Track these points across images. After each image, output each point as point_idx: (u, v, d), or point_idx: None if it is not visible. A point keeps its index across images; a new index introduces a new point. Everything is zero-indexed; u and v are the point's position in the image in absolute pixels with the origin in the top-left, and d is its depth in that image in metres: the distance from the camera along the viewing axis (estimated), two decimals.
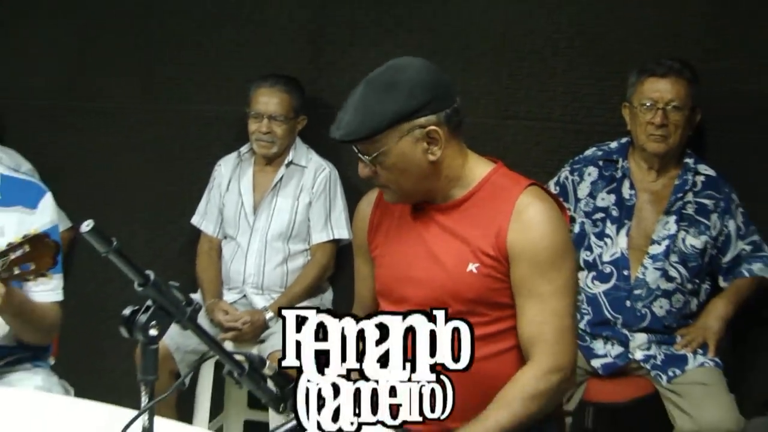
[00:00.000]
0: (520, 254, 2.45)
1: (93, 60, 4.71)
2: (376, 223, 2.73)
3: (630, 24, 4.07)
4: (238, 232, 4.28)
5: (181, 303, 1.80)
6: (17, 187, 3.03)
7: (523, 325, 2.48)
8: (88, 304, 3.23)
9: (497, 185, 2.55)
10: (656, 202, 3.78)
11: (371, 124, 2.41)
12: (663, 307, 3.72)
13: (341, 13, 4.44)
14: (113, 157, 4.58)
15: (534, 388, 2.41)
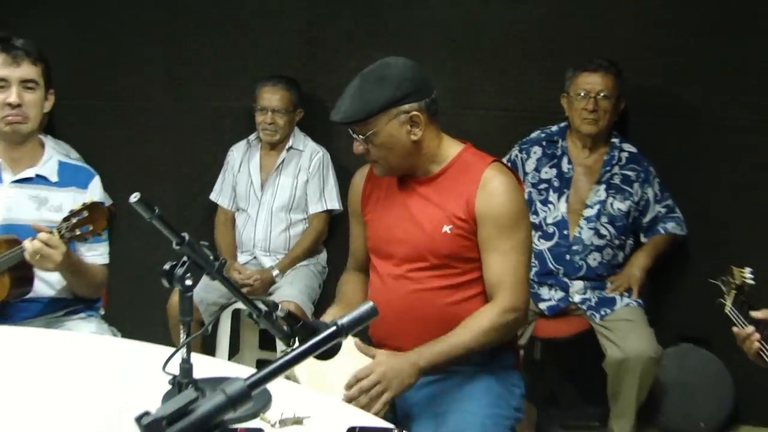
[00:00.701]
0: (485, 217, 2.50)
1: (125, 64, 4.70)
2: (368, 192, 2.77)
3: (567, 27, 4.11)
4: (249, 205, 4.34)
5: (210, 259, 1.90)
6: (71, 171, 3.07)
7: (487, 274, 2.53)
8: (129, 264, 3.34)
9: (466, 161, 2.60)
10: (589, 174, 3.88)
11: (365, 109, 2.46)
12: (596, 259, 3.84)
13: (331, 23, 4.45)
14: (144, 146, 4.62)
15: (494, 321, 2.47)
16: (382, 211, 2.72)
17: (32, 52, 2.91)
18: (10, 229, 2.90)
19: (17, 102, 2.87)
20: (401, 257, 2.63)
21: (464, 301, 2.58)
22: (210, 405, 1.04)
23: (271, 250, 4.30)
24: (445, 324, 2.52)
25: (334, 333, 1.12)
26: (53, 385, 2.21)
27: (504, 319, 2.50)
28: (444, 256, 2.56)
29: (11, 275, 2.80)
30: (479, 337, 2.47)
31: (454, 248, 2.55)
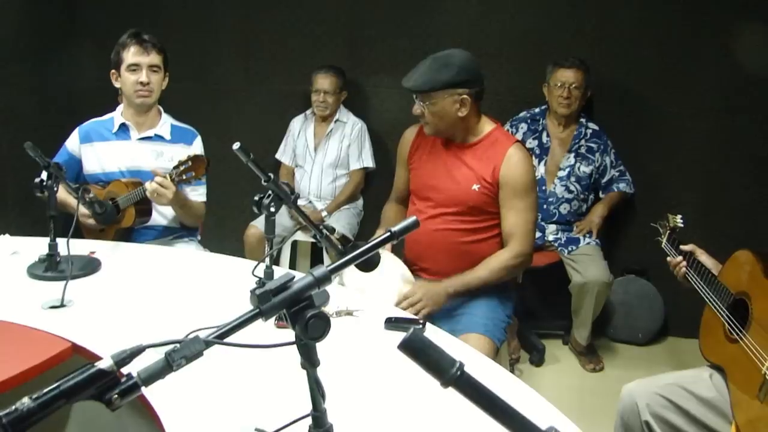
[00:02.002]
0: (506, 183, 2.54)
1: (213, 56, 4.73)
2: (416, 146, 2.77)
3: (548, 32, 4.12)
4: (305, 163, 4.38)
5: (289, 194, 1.98)
6: (181, 131, 3.13)
7: (503, 226, 2.59)
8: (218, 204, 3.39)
9: (496, 138, 2.62)
10: (562, 145, 3.94)
11: (430, 84, 2.50)
12: (566, 209, 3.91)
13: (369, 23, 4.44)
14: (226, 120, 4.65)
15: (507, 262, 2.55)
16: (425, 163, 2.73)
17: (157, 43, 2.99)
18: (136, 174, 3.00)
19: (147, 81, 2.95)
20: (437, 202, 2.67)
21: (479, 242, 2.63)
22: (302, 282, 1.10)
23: (322, 197, 4.35)
24: (462, 255, 2.61)
25: (388, 237, 1.19)
26: (166, 285, 2.31)
27: (514, 261, 2.57)
28: (470, 207, 2.61)
29: (136, 208, 2.87)
30: (495, 273, 2.55)
31: (479, 202, 2.60)
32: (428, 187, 2.71)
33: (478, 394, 0.93)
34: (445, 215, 2.65)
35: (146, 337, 1.81)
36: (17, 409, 0.95)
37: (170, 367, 1.04)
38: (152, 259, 2.60)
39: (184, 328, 1.82)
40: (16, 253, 2.55)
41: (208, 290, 2.26)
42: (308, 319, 1.11)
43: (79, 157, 3.08)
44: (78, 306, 2.08)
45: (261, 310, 1.09)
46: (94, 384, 1.01)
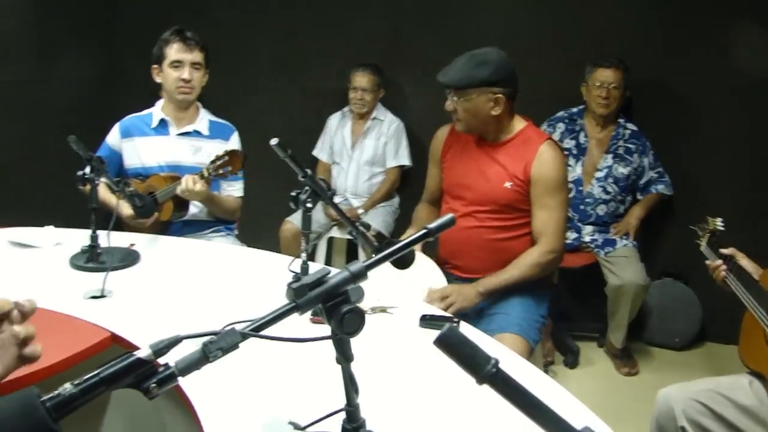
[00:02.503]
0: (537, 180, 2.52)
1: (252, 52, 4.77)
2: (449, 145, 2.77)
3: (587, 32, 4.07)
4: (342, 160, 4.40)
5: (326, 189, 2.00)
6: (218, 127, 3.16)
7: (535, 223, 2.56)
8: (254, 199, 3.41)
9: (528, 135, 2.60)
10: (600, 146, 3.89)
11: (465, 81, 2.50)
12: (603, 210, 3.86)
13: (408, 21, 4.44)
14: (263, 116, 4.61)
15: (537, 260, 2.53)
16: (458, 162, 2.72)
17: (199, 41, 3.02)
18: (174, 168, 3.04)
19: (189, 78, 2.99)
20: (469, 200, 2.67)
21: (511, 239, 2.62)
22: (339, 277, 1.10)
23: (358, 194, 4.37)
24: (494, 253, 2.60)
25: (425, 234, 1.19)
26: (203, 278, 2.34)
27: (545, 259, 2.55)
28: (502, 204, 2.60)
29: (174, 201, 2.90)
30: (525, 272, 2.53)
31: (511, 200, 2.59)
32: (461, 186, 2.70)
33: (514, 392, 0.93)
34: (477, 213, 2.64)
35: (183, 329, 1.83)
36: (60, 394, 0.97)
37: (206, 359, 1.06)
38: (190, 252, 2.64)
39: (219, 320, 1.82)
40: (60, 244, 2.60)
41: (244, 284, 2.28)
42: (344, 313, 1.11)
43: (120, 151, 3.13)
44: (117, 296, 2.12)
45: (297, 303, 1.09)
46: (133, 372, 1.03)
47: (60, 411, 0.96)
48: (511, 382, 0.93)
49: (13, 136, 4.21)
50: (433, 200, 2.92)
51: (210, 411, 1.49)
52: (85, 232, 2.41)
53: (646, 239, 3.97)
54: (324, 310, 1.12)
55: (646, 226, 3.94)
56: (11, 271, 2.34)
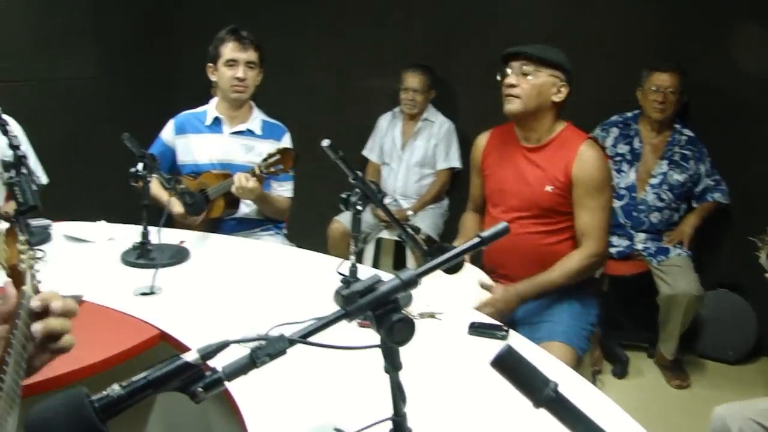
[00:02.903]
0: (578, 181, 2.48)
1: (304, 51, 4.78)
2: (488, 152, 2.74)
3: (642, 34, 4.00)
4: (392, 160, 4.39)
5: (376, 192, 1.98)
6: (271, 127, 3.16)
7: (577, 225, 2.52)
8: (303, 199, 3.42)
9: (567, 136, 2.56)
10: (655, 151, 3.80)
11: (545, 53, 2.48)
12: (657, 217, 3.78)
13: (458, 22, 4.41)
14: (314, 115, 4.66)
15: (580, 263, 2.48)
16: (498, 169, 2.70)
17: (254, 40, 3.03)
18: (226, 166, 3.05)
19: (243, 77, 3.00)
20: (510, 206, 2.63)
21: (556, 243, 2.57)
22: (389, 285, 1.08)
23: (407, 195, 4.35)
24: (540, 259, 2.55)
25: (478, 242, 1.16)
26: (251, 277, 2.34)
27: (588, 262, 2.50)
28: (544, 208, 2.56)
29: (225, 199, 2.92)
30: (567, 275, 2.48)
31: (552, 203, 2.54)
32: (501, 192, 2.68)
33: (573, 418, 0.89)
34: (520, 219, 2.60)
35: (230, 328, 1.86)
36: (108, 395, 0.97)
37: (254, 364, 1.04)
38: (238, 250, 2.65)
39: (266, 320, 1.85)
40: (112, 239, 2.64)
41: (291, 284, 2.28)
42: (394, 322, 1.09)
43: (173, 147, 3.15)
44: (166, 293, 2.14)
45: (347, 311, 1.07)
46: (180, 376, 1.02)
47: (107, 412, 0.96)
48: (571, 408, 0.89)
49: (71, 131, 4.29)
50: (479, 208, 2.90)
51: (256, 414, 1.49)
52: (138, 227, 2.44)
53: (700, 249, 3.87)
54: (373, 318, 1.10)
55: (700, 235, 3.84)
56: (65, 264, 2.38)
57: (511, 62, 2.53)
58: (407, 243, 2.05)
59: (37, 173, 2.98)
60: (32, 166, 2.93)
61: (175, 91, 4.86)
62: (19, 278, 1.23)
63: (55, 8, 4.17)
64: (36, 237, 2.53)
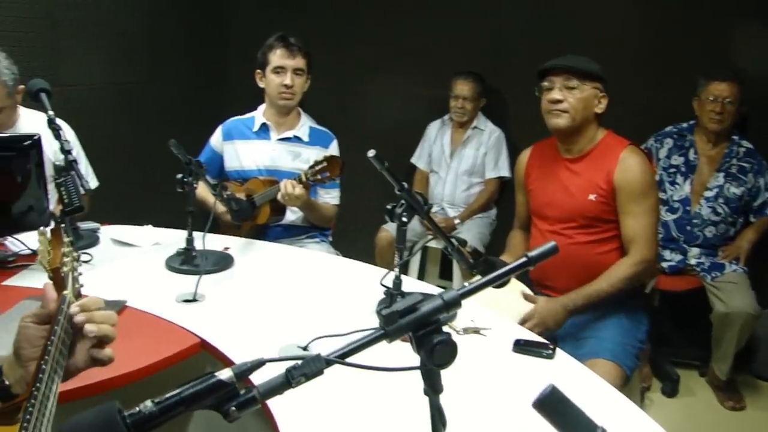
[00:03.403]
0: (621, 187, 2.44)
1: (353, 58, 4.79)
2: (530, 168, 2.74)
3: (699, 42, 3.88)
4: (440, 168, 4.35)
5: (422, 204, 1.93)
6: (318, 134, 3.15)
7: (623, 232, 2.47)
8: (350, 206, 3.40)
9: (608, 144, 2.53)
10: (711, 164, 3.69)
11: (588, 67, 2.47)
12: (712, 231, 3.66)
13: (511, 30, 4.36)
14: (363, 122, 4.67)
15: (626, 272, 2.42)
16: (541, 183, 2.68)
17: (303, 47, 3.02)
18: (273, 173, 3.04)
19: (291, 84, 3.00)
20: (555, 218, 2.61)
21: (604, 253, 2.53)
22: (431, 305, 1.04)
23: (455, 204, 4.31)
24: (587, 270, 2.49)
25: (525, 263, 1.12)
26: (294, 286, 2.32)
27: (635, 269, 2.44)
28: (589, 218, 2.52)
29: (270, 206, 2.90)
30: (615, 284, 2.42)
31: (597, 212, 2.51)
32: (545, 205, 2.65)
33: None
34: (565, 230, 2.58)
35: (270, 338, 1.83)
36: (140, 411, 0.96)
37: (289, 384, 1.01)
38: (283, 258, 2.63)
39: (307, 331, 1.84)
40: (158, 244, 2.65)
41: (335, 294, 2.25)
42: (435, 344, 1.04)
43: (221, 153, 3.16)
44: (209, 301, 2.12)
45: (386, 331, 1.04)
46: (214, 394, 1.00)
47: (139, 428, 0.94)
48: None
49: (123, 136, 4.35)
50: (525, 226, 2.87)
51: (292, 429, 1.45)
52: (184, 233, 2.44)
53: (758, 265, 3.73)
54: (414, 339, 1.06)
55: (758, 252, 3.70)
56: (110, 268, 2.39)
57: (550, 77, 2.52)
58: (453, 255, 1.99)
59: (87, 177, 3.01)
60: (83, 170, 2.98)
61: (227, 97, 4.90)
62: (60, 282, 1.22)
63: (110, 14, 4.23)
64: (84, 240, 2.57)
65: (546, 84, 2.53)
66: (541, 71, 2.55)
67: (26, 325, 1.19)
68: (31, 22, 3.73)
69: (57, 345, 1.10)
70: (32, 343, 1.16)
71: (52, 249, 1.26)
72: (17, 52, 3.59)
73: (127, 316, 1.97)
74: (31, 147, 2.28)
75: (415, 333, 1.05)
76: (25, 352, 1.17)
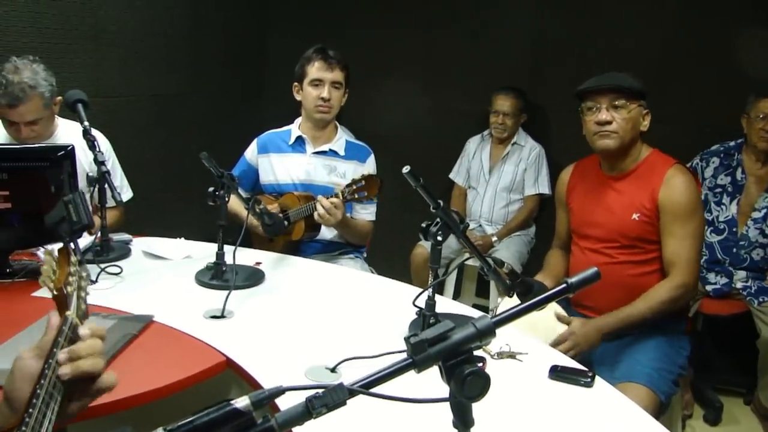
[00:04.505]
0: (665, 207, 2.38)
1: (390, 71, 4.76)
2: (572, 186, 2.70)
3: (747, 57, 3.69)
4: (479, 185, 4.29)
5: (458, 223, 1.86)
6: (355, 148, 3.10)
7: (665, 254, 2.41)
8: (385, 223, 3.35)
9: (653, 162, 2.47)
10: (759, 183, 3.55)
11: (636, 87, 2.39)
12: (759, 254, 3.52)
13: (552, 44, 4.29)
14: (400, 136, 4.61)
15: (667, 295, 2.35)
16: (583, 201, 2.63)
17: (341, 60, 2.98)
18: (308, 187, 3.01)
19: (328, 97, 2.95)
20: (597, 237, 2.56)
21: (645, 274, 2.46)
22: (463, 334, 0.99)
23: (493, 221, 4.25)
24: (629, 290, 2.43)
25: (565, 289, 1.04)
26: (326, 304, 2.27)
27: (675, 293, 2.36)
28: (631, 238, 2.46)
29: (305, 222, 2.85)
30: (652, 308, 2.35)
31: (640, 232, 2.44)
32: (587, 224, 2.60)
33: None
34: (606, 249, 2.52)
35: (298, 358, 1.77)
36: None
37: (310, 414, 0.95)
38: (316, 275, 2.58)
39: (336, 352, 1.79)
40: (189, 257, 2.62)
41: (367, 314, 2.19)
42: (466, 375, 0.98)
43: (256, 167, 3.13)
44: (237, 318, 2.07)
45: (414, 360, 0.98)
46: (229, 423, 0.95)
47: None
48: None
49: (161, 146, 4.35)
50: (565, 245, 2.81)
51: None
52: (214, 246, 2.38)
53: None
54: (443, 369, 1.00)
55: None
56: (140, 281, 2.36)
57: (595, 96, 2.44)
58: (489, 276, 1.93)
59: (121, 188, 3.00)
60: (117, 181, 2.97)
61: (265, 110, 4.89)
62: (64, 302, 1.16)
63: (153, 25, 4.24)
64: (116, 252, 2.54)
65: (590, 104, 2.45)
66: (583, 91, 2.47)
67: (24, 361, 1.07)
68: (74, 34, 3.76)
69: (54, 367, 1.03)
70: (29, 382, 1.03)
71: (58, 268, 1.20)
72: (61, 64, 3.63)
73: (153, 332, 1.93)
74: (65, 158, 2.27)
75: (445, 363, 0.99)
76: (19, 394, 1.05)
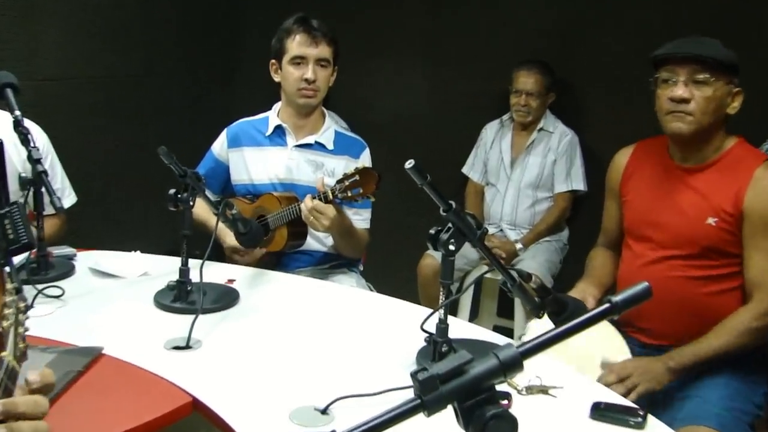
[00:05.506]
0: (752, 214, 2.32)
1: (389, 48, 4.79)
2: (630, 173, 2.64)
3: None
4: (498, 181, 4.30)
5: (473, 228, 1.83)
6: (346, 141, 3.08)
7: (747, 272, 2.36)
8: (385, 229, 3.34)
9: (738, 156, 2.41)
10: None
11: (728, 57, 2.33)
12: None
13: (586, 8, 4.26)
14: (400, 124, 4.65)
15: (749, 325, 2.31)
16: (643, 193, 2.59)
17: (328, 33, 2.97)
18: (290, 187, 3.00)
19: (312, 78, 2.94)
20: (658, 242, 2.51)
21: (717, 294, 2.43)
22: (483, 368, 0.98)
23: (517, 225, 4.26)
24: (696, 313, 2.41)
25: (608, 310, 1.03)
26: (314, 330, 2.25)
27: (761, 323, 2.33)
28: (704, 247, 2.41)
29: (288, 229, 2.85)
30: (732, 341, 2.32)
31: (716, 241, 2.39)
32: (647, 224, 2.55)
33: None
34: (671, 259, 2.48)
35: (280, 399, 1.76)
36: None
37: None
38: (301, 293, 2.58)
39: (327, 389, 1.79)
40: (146, 275, 2.62)
41: (364, 341, 2.19)
42: (488, 419, 0.97)
43: (226, 163, 3.13)
44: (206, 348, 2.07)
45: (423, 401, 0.97)
46: None
47: None
48: None
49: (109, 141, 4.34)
50: (613, 244, 2.79)
51: None
52: (177, 260, 2.38)
53: None
54: (460, 411, 0.99)
55: None
56: (86, 304, 2.35)
57: (673, 66, 2.37)
58: (514, 293, 1.92)
59: (62, 192, 2.98)
60: (58, 183, 2.96)
61: (236, 95, 4.88)
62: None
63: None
64: (56, 270, 2.54)
65: (665, 75, 2.40)
66: (658, 58, 2.42)
67: None
68: (2, 4, 3.74)
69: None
70: None
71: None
72: None
73: (103, 367, 1.92)
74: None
75: (462, 404, 0.99)
76: None
